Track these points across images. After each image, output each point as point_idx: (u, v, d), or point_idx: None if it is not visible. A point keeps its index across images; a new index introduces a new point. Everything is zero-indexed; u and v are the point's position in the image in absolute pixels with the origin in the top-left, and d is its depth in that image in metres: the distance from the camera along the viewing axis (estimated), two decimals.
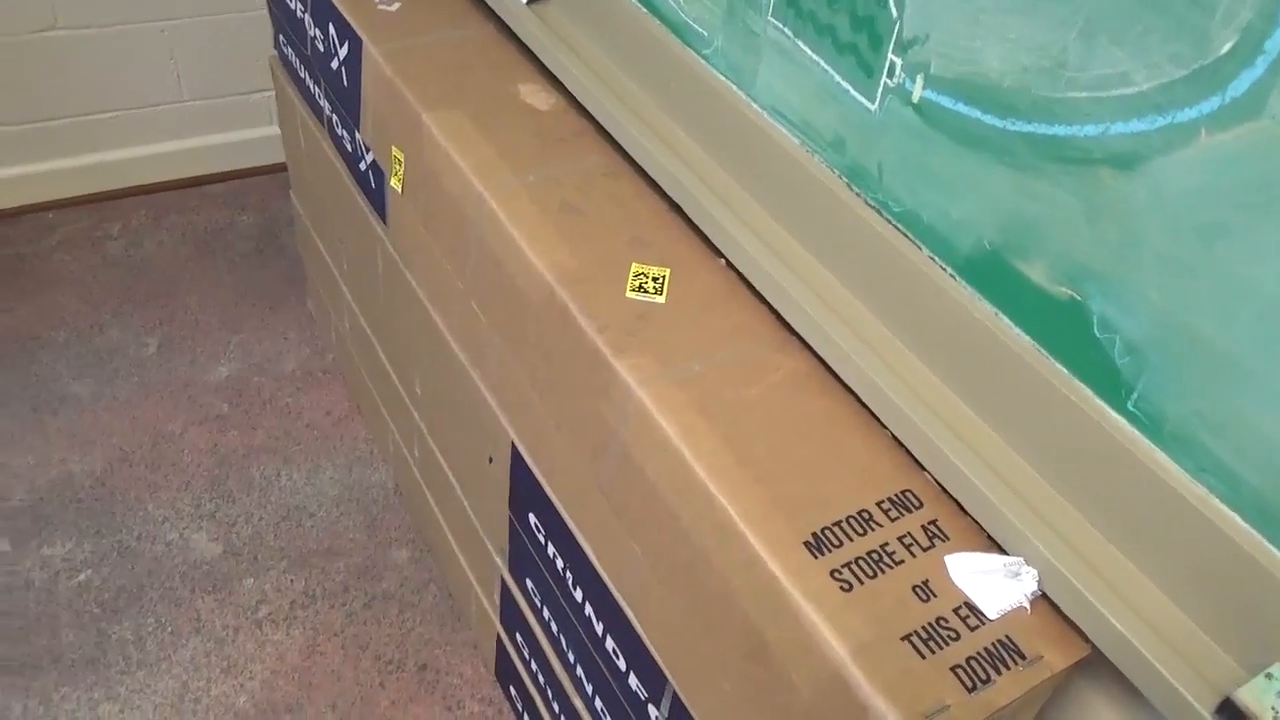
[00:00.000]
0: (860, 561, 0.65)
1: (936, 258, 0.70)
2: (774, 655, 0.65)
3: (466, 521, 1.25)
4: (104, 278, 1.85)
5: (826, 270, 0.80)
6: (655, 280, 0.83)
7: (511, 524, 1.10)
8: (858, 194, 0.75)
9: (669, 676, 0.83)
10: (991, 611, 0.63)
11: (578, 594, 0.97)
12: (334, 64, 1.19)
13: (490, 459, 1.09)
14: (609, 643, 0.93)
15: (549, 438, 0.92)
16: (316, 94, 1.31)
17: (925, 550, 0.66)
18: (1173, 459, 0.58)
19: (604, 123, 0.97)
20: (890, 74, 0.69)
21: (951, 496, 0.70)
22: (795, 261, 0.80)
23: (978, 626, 0.62)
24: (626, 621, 0.87)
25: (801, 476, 0.70)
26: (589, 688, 1.03)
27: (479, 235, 0.93)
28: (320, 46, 1.22)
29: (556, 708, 1.15)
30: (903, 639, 0.61)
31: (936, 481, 0.71)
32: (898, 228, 0.73)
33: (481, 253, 0.93)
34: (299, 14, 1.27)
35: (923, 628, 0.61)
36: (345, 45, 1.14)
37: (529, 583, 1.11)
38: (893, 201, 0.73)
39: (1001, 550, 0.67)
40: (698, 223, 0.88)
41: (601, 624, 0.94)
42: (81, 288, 1.83)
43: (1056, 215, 0.61)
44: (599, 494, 0.85)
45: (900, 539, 0.67)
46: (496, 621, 1.26)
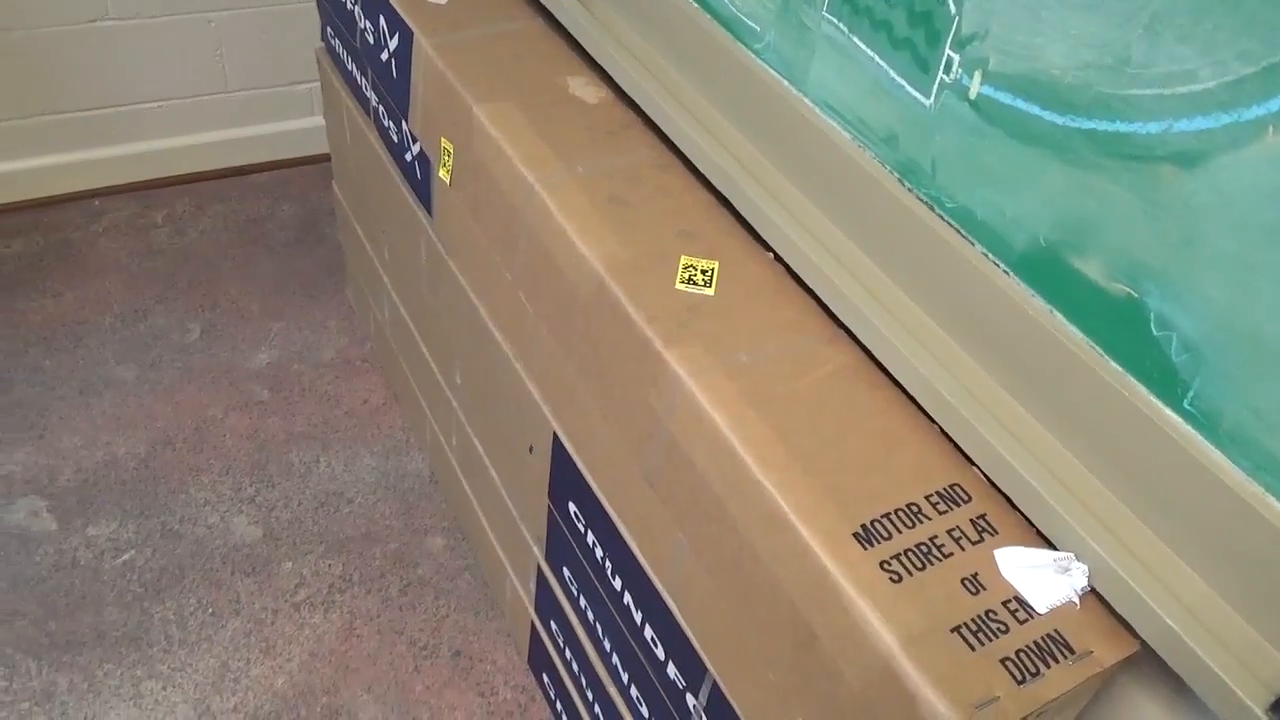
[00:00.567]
0: (909, 553, 0.65)
1: (990, 254, 0.71)
2: (822, 645, 0.66)
3: (503, 510, 1.26)
4: (148, 264, 1.89)
5: (876, 265, 0.80)
6: (704, 272, 0.84)
7: (550, 513, 1.11)
8: (910, 189, 0.76)
9: (709, 666, 0.84)
10: (1041, 606, 0.63)
11: (617, 583, 0.98)
12: (383, 55, 1.20)
13: (531, 448, 1.10)
14: (648, 631, 0.94)
15: (593, 427, 0.93)
16: (364, 85, 1.32)
17: (974, 544, 0.67)
18: (1228, 457, 0.58)
19: (653, 116, 0.98)
20: (947, 70, 0.69)
21: (1000, 491, 0.70)
22: (844, 256, 0.81)
23: (1027, 620, 0.62)
24: (667, 611, 0.88)
25: (851, 468, 0.70)
26: (625, 676, 1.04)
27: (528, 226, 0.94)
28: (370, 38, 1.23)
29: (590, 696, 1.17)
30: (952, 631, 0.61)
31: (985, 476, 0.71)
32: (950, 224, 0.73)
33: (531, 243, 0.94)
34: (349, 6, 1.29)
35: (972, 620, 0.62)
36: (396, 37, 1.15)
37: (566, 571, 1.12)
38: (946, 197, 0.73)
39: (1051, 545, 0.67)
40: (746, 216, 0.88)
41: (640, 613, 0.94)
42: (127, 274, 1.86)
43: (1115, 212, 0.61)
44: (643, 484, 0.85)
45: (949, 532, 0.67)
46: (531, 609, 1.28)
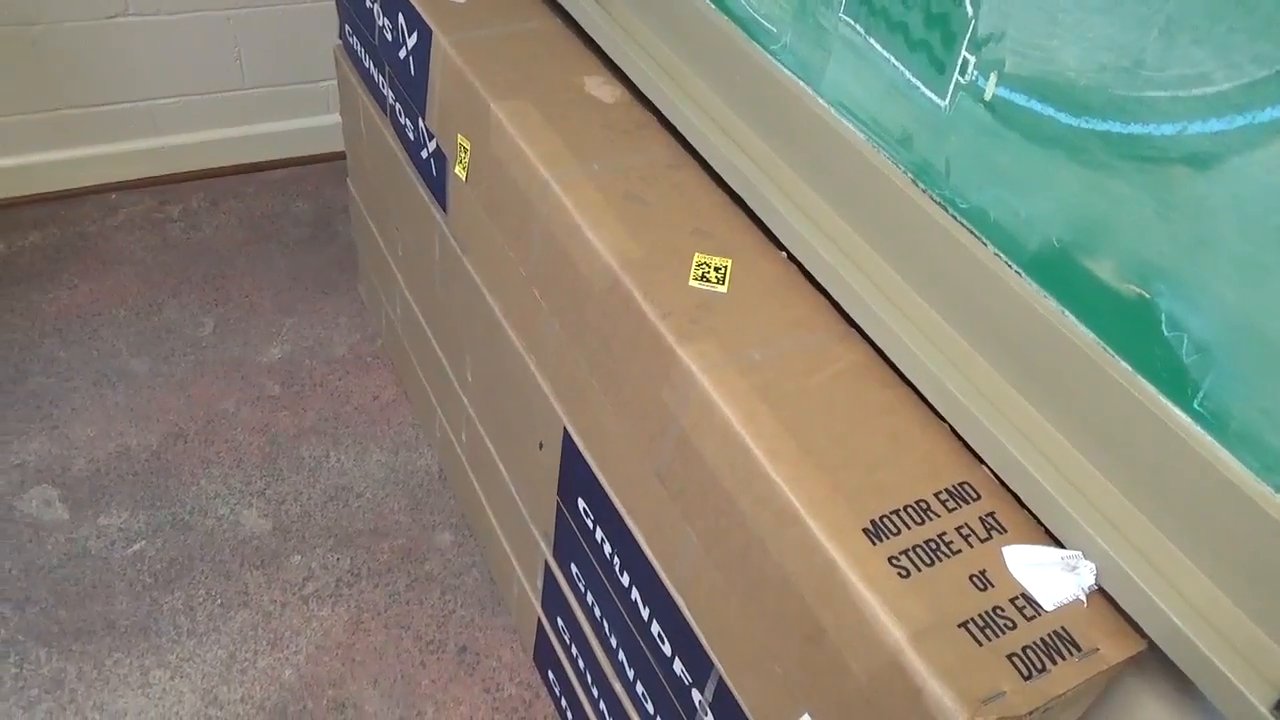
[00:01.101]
0: (918, 549, 0.66)
1: (1002, 254, 0.71)
2: (829, 639, 0.66)
3: (512, 506, 1.27)
4: (163, 259, 1.90)
5: (888, 264, 0.81)
6: (718, 270, 0.85)
7: (559, 509, 1.11)
8: (924, 190, 0.76)
9: (715, 661, 0.84)
10: (1048, 603, 0.63)
11: (624, 579, 0.98)
12: (402, 53, 1.22)
13: (541, 445, 1.11)
14: (654, 627, 0.95)
15: (604, 423, 0.94)
16: (381, 83, 1.34)
17: (983, 541, 0.67)
18: (1237, 458, 0.59)
19: (669, 116, 0.99)
20: (963, 71, 0.70)
21: (1009, 490, 0.71)
22: (857, 255, 0.81)
23: (1034, 617, 0.63)
24: (674, 606, 0.89)
25: (861, 465, 0.71)
26: (630, 672, 1.05)
27: (543, 222, 0.95)
28: (389, 36, 1.25)
29: (596, 692, 1.17)
30: (959, 626, 0.62)
31: (995, 475, 0.72)
32: (964, 224, 0.74)
33: (545, 240, 0.95)
34: (368, 4, 1.30)
35: (979, 615, 0.62)
36: (414, 35, 1.16)
37: (573, 568, 1.13)
38: (959, 198, 0.74)
39: (1059, 544, 0.67)
40: (760, 215, 0.89)
41: (648, 609, 0.95)
42: (141, 267, 1.87)
43: (1128, 214, 0.61)
44: (654, 480, 0.86)
45: (958, 529, 0.67)
46: (538, 606, 1.28)
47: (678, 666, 0.92)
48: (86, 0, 1.76)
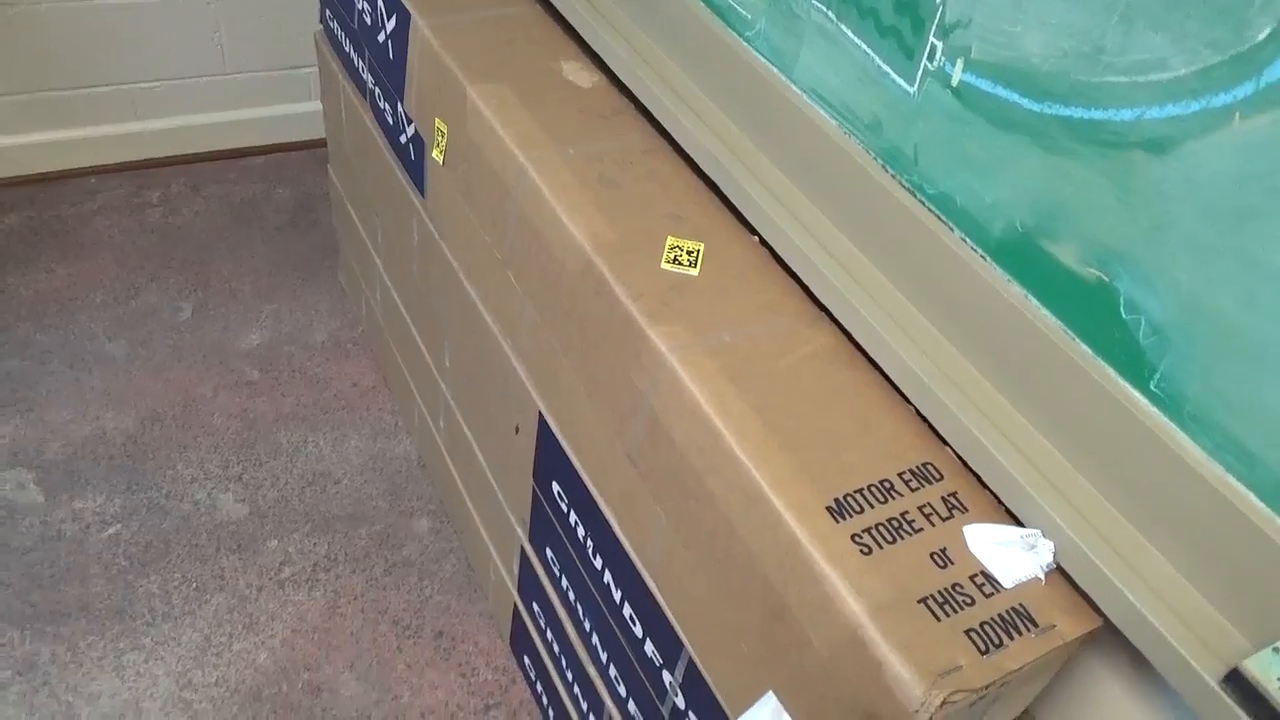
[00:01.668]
0: (880, 528, 0.67)
1: (968, 239, 0.72)
2: (793, 615, 0.67)
3: (489, 492, 1.27)
4: (142, 243, 1.89)
5: (858, 249, 0.81)
6: (690, 253, 0.85)
7: (534, 494, 1.12)
8: (893, 176, 0.77)
9: (685, 642, 0.85)
10: (1007, 581, 0.64)
11: (598, 562, 0.99)
12: (380, 37, 1.22)
13: (517, 429, 1.12)
14: (626, 610, 0.95)
15: (578, 407, 0.94)
16: (360, 67, 1.33)
17: (944, 520, 0.68)
18: (1191, 438, 0.60)
19: (644, 101, 0.99)
20: (931, 57, 0.71)
21: (972, 471, 0.72)
22: (828, 240, 0.82)
23: (993, 594, 0.64)
24: (645, 588, 0.89)
25: (827, 445, 0.72)
26: (604, 655, 1.05)
27: (519, 206, 0.95)
28: (368, 19, 1.25)
29: (570, 676, 1.18)
30: (919, 602, 0.63)
31: (958, 456, 0.73)
32: (931, 209, 0.75)
33: (521, 223, 0.95)
34: None
35: (939, 592, 0.63)
36: (393, 19, 1.16)
37: (549, 552, 1.13)
38: (927, 184, 0.75)
39: (1019, 523, 0.68)
40: (733, 200, 0.90)
41: (620, 591, 0.96)
42: (120, 252, 1.87)
43: (1089, 198, 0.62)
44: (626, 461, 0.87)
45: (920, 508, 0.68)
46: (514, 591, 1.29)
47: (649, 648, 0.93)
48: None
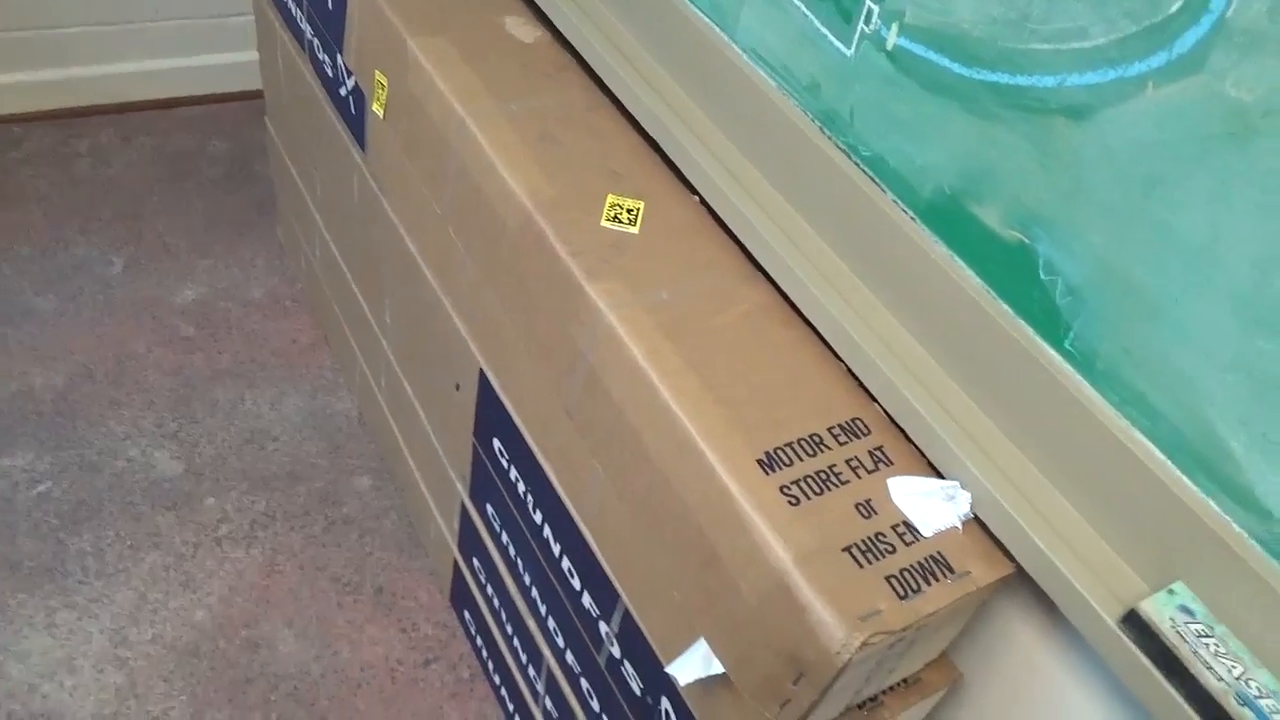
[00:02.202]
0: (809, 480, 0.69)
1: (900, 201, 0.74)
2: (723, 564, 0.69)
3: (430, 449, 1.28)
4: (70, 195, 1.83)
5: (794, 209, 0.83)
6: (630, 211, 0.86)
7: (475, 450, 1.13)
8: (829, 137, 0.79)
9: (621, 593, 0.87)
10: (927, 530, 0.67)
11: (537, 516, 1.01)
12: None
13: (458, 386, 1.12)
14: (565, 563, 0.97)
15: (517, 363, 0.95)
16: (299, 17, 1.30)
17: (870, 473, 0.71)
18: (1101, 394, 0.63)
19: (587, 58, 0.99)
20: (867, 20, 0.72)
21: (898, 426, 0.74)
22: (765, 199, 0.84)
23: (913, 542, 0.67)
24: (583, 541, 0.91)
25: (760, 401, 0.74)
26: (543, 608, 1.07)
27: (459, 160, 0.95)
28: None
29: (510, 629, 1.20)
30: (843, 550, 0.65)
31: (885, 413, 0.75)
32: (865, 171, 0.76)
33: (461, 178, 0.95)
34: None
35: (862, 541, 0.66)
36: None
37: (489, 508, 1.14)
38: (862, 145, 0.76)
39: (940, 476, 0.71)
40: (673, 158, 0.91)
41: (559, 545, 0.97)
42: (47, 204, 1.81)
43: (1012, 162, 0.65)
44: (564, 416, 0.88)
45: (847, 461, 0.71)
46: (454, 547, 1.30)
47: (586, 600, 0.95)
48: None
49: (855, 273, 0.79)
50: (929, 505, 0.68)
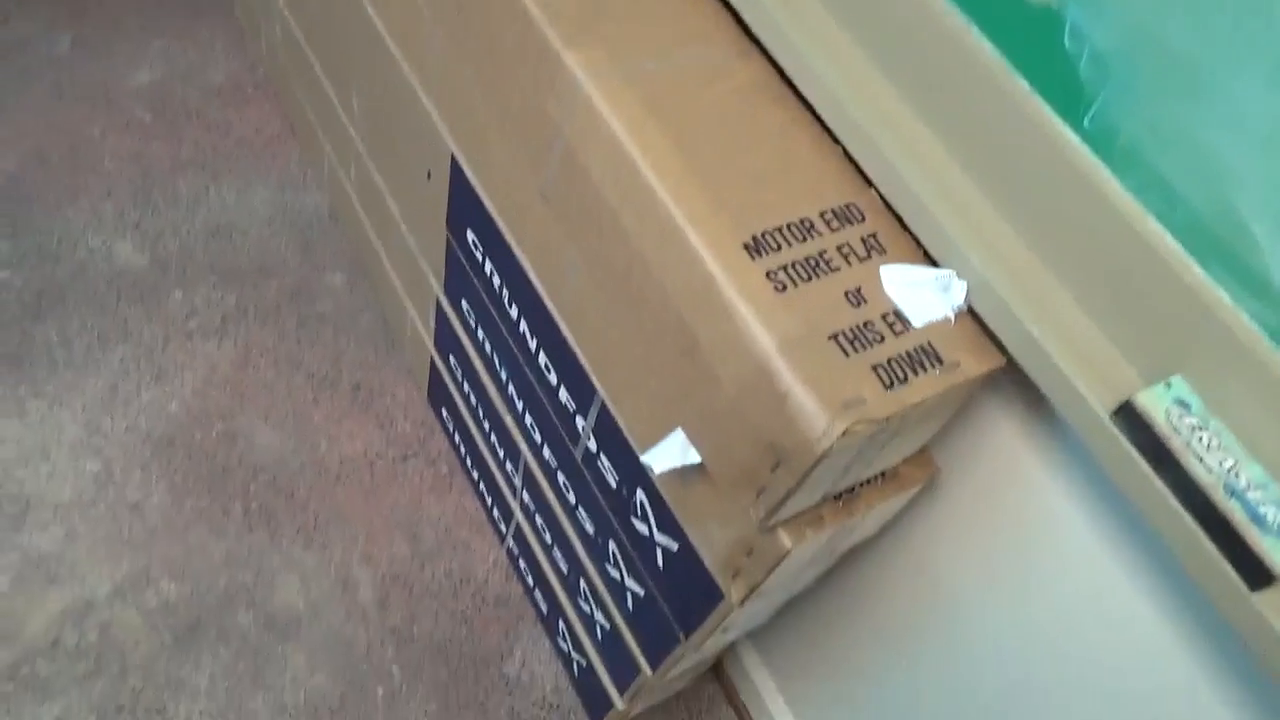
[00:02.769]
0: (797, 265, 0.65)
1: None
2: (703, 352, 0.66)
3: (403, 245, 1.23)
4: None
5: None
6: None
7: (449, 243, 1.08)
8: None
9: (598, 386, 0.85)
10: (917, 320, 0.64)
11: (513, 310, 0.97)
12: None
13: (429, 174, 1.05)
14: (541, 358, 0.95)
15: (490, 147, 0.89)
16: None
17: (862, 260, 0.67)
18: (1117, 175, 0.58)
19: None
20: None
21: (894, 214, 0.70)
22: None
23: (902, 332, 0.64)
24: (560, 334, 0.88)
25: (748, 182, 0.68)
26: (520, 405, 1.06)
27: None
28: None
29: (487, 426, 1.19)
30: (829, 338, 0.62)
31: (882, 198, 0.70)
32: None
33: None
34: None
35: (850, 329, 0.63)
36: None
37: (464, 304, 1.11)
38: None
39: (936, 266, 0.67)
40: None
41: (535, 340, 0.94)
42: None
43: None
44: (540, 202, 0.83)
45: (839, 248, 0.67)
46: (431, 345, 1.27)
47: (563, 395, 0.93)
48: None
49: (857, 44, 0.72)
50: (921, 295, 0.65)
